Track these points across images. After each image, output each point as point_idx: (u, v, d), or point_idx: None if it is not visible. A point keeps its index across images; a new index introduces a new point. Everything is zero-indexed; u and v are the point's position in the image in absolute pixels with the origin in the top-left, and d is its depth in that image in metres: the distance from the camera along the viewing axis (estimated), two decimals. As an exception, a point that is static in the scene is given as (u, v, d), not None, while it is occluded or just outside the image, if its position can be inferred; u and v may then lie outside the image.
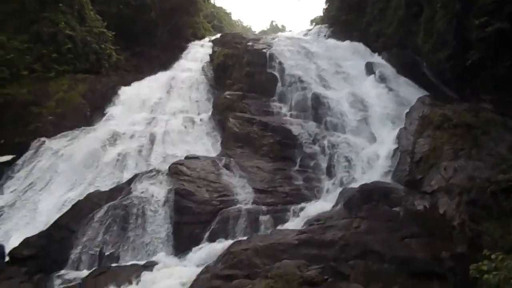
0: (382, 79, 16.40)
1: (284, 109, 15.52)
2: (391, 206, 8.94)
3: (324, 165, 12.51)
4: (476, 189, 7.81)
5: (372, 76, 16.77)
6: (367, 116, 14.56)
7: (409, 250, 7.00)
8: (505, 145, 9.34)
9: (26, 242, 9.03)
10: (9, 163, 13.00)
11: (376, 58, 18.46)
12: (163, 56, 21.44)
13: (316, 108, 15.01)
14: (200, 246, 9.26)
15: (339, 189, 11.01)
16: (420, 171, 10.12)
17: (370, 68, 17.25)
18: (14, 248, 8.93)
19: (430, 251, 6.92)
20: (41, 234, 9.31)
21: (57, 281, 8.22)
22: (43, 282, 8.11)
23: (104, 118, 15.47)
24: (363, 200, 9.31)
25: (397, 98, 15.18)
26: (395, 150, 11.80)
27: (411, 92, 15.26)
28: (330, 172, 12.29)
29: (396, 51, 18.09)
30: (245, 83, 16.91)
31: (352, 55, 19.16)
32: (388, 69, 17.03)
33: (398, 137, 12.51)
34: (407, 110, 13.66)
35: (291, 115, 15.07)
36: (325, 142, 13.21)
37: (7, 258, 8.68)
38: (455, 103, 12.26)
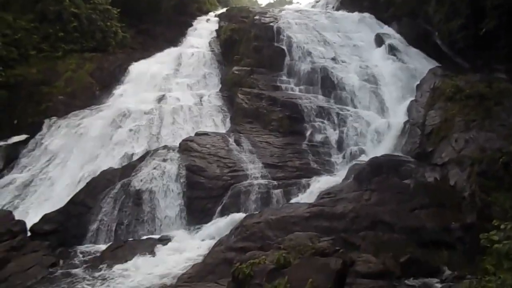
0: (392, 50, 16.06)
1: (293, 84, 15.40)
2: (401, 179, 9.00)
3: (333, 139, 12.51)
4: (487, 160, 7.80)
5: (382, 47, 16.45)
6: (377, 88, 14.40)
7: (419, 220, 7.10)
8: (518, 115, 9.22)
9: (46, 218, 9.37)
10: (24, 143, 13.26)
11: (386, 29, 18.01)
12: (169, 33, 21.14)
13: (325, 82, 14.87)
14: (212, 220, 9.52)
15: (349, 163, 11.11)
16: (431, 144, 10.09)
17: (380, 40, 16.89)
18: (34, 224, 9.28)
19: (439, 222, 7.01)
20: (59, 211, 9.62)
21: (78, 254, 8.57)
22: (65, 255, 8.47)
23: (113, 96, 15.52)
24: (373, 173, 9.36)
25: (408, 69, 14.91)
26: (405, 122, 11.74)
27: (422, 64, 14.97)
28: (339, 146, 12.31)
29: (407, 21, 17.61)
30: (253, 58, 16.73)
31: (361, 26, 18.70)
32: (399, 40, 16.65)
33: (409, 110, 12.42)
34: (418, 82, 13.48)
35: (299, 90, 14.96)
36: (334, 116, 13.18)
37: (28, 233, 9.02)
38: (468, 74, 12.02)
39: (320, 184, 10.21)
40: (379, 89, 14.37)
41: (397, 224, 6.94)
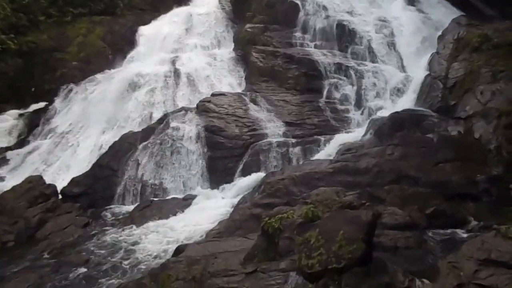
0: (412, 0, 15.28)
1: (308, 40, 14.93)
2: (423, 133, 8.89)
3: (351, 95, 12.31)
4: (515, 112, 7.60)
5: (401, -2, 15.62)
6: (396, 42, 13.88)
7: (444, 174, 7.10)
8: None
9: (74, 181, 9.70)
10: (44, 110, 13.44)
11: (406, -23, 17.02)
12: (177, -9, 20.46)
13: (341, 37, 14.36)
14: (234, 179, 9.69)
15: (368, 119, 10.99)
16: (454, 97, 9.82)
17: (399, -11, 16.02)
18: (64, 187, 9.63)
19: (464, 174, 7.00)
20: (86, 174, 9.92)
21: (107, 215, 8.94)
22: (95, 216, 8.86)
23: (126, 59, 15.38)
24: (394, 128, 9.26)
25: (429, 21, 14.22)
26: (426, 76, 11.40)
27: (445, 14, 14.20)
28: (358, 103, 12.12)
29: (428, -32, 16.57)
30: (266, 15, 16.12)
31: (379, -25, 17.69)
32: (419, -11, 15.77)
33: (430, 63, 11.99)
34: (440, 33, 12.91)
35: (315, 46, 14.51)
36: (352, 72, 12.88)
37: (59, 196, 9.39)
38: (495, 22, 11.41)
39: (339, 140, 10.18)
40: (398, 42, 13.84)
41: (421, 178, 6.96)
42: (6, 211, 8.32)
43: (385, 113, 10.77)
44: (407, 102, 11.28)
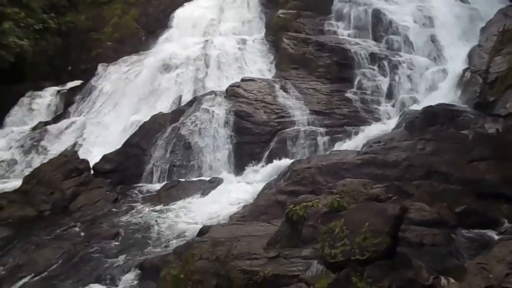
0: (454, -11, 14.54)
1: (342, 28, 14.57)
2: (458, 129, 8.57)
3: (383, 86, 12.00)
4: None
5: (442, -14, 14.89)
6: (435, 33, 13.32)
7: (477, 172, 6.84)
8: None
9: (106, 158, 10.08)
10: (79, 88, 13.93)
11: (449, -36, 16.17)
12: (210, -26, 20.35)
13: (377, 26, 13.93)
14: (260, 164, 9.75)
15: (400, 112, 10.70)
16: (494, 93, 9.37)
17: (441, -23, 15.26)
18: (96, 163, 10.02)
19: (500, 174, 6.71)
20: (117, 151, 10.27)
21: (136, 192, 9.26)
22: (124, 192, 9.21)
23: (159, 41, 15.58)
24: (427, 122, 8.98)
25: (472, 11, 13.55)
26: (465, 70, 10.91)
27: (490, 4, 13.46)
28: (390, 94, 11.82)
29: (474, -46, 15.65)
30: (299, 0, 15.83)
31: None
32: (463, -23, 14.96)
33: (470, 56, 11.48)
34: (483, 25, 12.29)
35: (349, 34, 14.16)
36: (386, 62, 12.51)
37: (91, 172, 9.79)
38: (547, 14, 10.72)
39: (368, 132, 10.01)
40: (437, 33, 13.28)
41: (453, 175, 6.75)
42: (43, 182, 8.80)
43: (417, 106, 10.48)
44: (442, 96, 10.87)
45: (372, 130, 10.06)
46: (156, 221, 7.73)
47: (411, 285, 3.97)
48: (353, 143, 9.68)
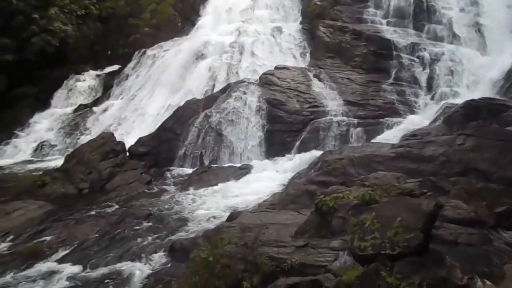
0: (506, -24, 13.60)
1: (380, 16, 14.08)
2: (502, 126, 8.11)
3: (422, 78, 11.58)
4: None
5: (492, -30, 13.96)
6: (481, 23, 12.60)
7: (521, 171, 6.47)
8: None
9: (141, 141, 10.42)
10: (117, 73, 14.39)
11: None
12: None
13: (418, 14, 13.37)
14: (291, 153, 9.74)
15: (438, 105, 10.28)
16: (544, 88, 8.80)
17: (490, -39, 14.30)
18: (131, 146, 10.39)
19: (547, 175, 6.32)
20: (151, 135, 10.58)
21: (168, 175, 9.53)
22: (157, 175, 9.51)
23: (194, 28, 15.74)
24: (468, 117, 8.54)
25: (524, 0, 12.67)
26: (513, 62, 10.30)
27: (544, -8, 12.55)
28: (429, 87, 11.39)
29: None
30: (336, -13, 15.40)
31: None
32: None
33: (519, 48, 10.81)
34: (536, 14, 11.49)
35: (387, 23, 13.67)
36: (426, 53, 12.02)
37: (127, 154, 10.15)
38: None
39: (404, 125, 9.73)
40: (484, 23, 12.55)
41: (494, 174, 6.41)
42: (82, 162, 9.24)
43: (459, 100, 10.01)
44: (486, 90, 10.35)
45: (408, 123, 9.77)
46: (186, 204, 7.94)
47: (443, 284, 3.84)
48: (387, 136, 9.44)
